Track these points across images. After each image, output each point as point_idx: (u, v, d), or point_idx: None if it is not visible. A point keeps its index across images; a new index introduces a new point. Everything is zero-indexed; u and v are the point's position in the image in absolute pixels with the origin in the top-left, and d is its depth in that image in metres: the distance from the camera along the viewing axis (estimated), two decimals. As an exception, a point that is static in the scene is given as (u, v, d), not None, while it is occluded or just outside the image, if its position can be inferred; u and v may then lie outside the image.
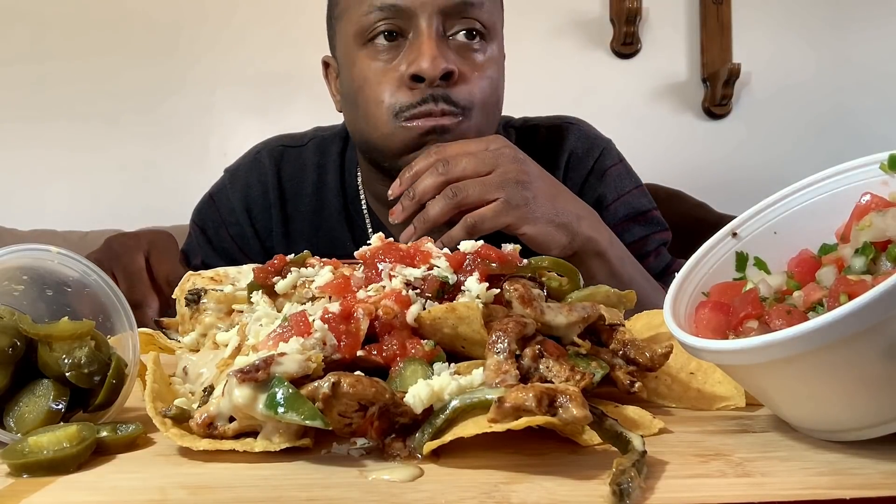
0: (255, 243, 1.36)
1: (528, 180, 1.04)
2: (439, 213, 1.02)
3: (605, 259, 1.10)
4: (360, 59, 1.17)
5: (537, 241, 1.04)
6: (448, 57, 1.12)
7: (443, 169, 1.02)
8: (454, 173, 1.02)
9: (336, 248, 1.30)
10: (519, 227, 1.03)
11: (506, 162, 1.03)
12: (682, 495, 0.44)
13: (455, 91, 1.13)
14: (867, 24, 2.64)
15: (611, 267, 1.11)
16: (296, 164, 1.38)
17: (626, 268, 1.13)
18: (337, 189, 1.35)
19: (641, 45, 2.61)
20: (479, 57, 1.17)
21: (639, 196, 1.35)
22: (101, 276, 0.63)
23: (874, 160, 0.59)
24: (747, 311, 0.56)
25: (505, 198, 1.01)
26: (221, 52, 2.53)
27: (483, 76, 1.16)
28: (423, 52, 1.10)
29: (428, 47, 1.10)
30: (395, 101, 1.13)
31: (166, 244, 1.06)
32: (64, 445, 0.51)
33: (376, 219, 1.34)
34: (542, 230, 1.04)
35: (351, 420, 0.52)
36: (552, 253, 1.04)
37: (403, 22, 1.13)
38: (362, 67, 1.16)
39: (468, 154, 1.03)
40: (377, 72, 1.15)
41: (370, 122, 1.17)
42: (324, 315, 0.59)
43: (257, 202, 1.36)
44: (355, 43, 1.17)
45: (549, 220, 1.04)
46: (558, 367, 0.57)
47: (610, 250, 1.11)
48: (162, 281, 1.01)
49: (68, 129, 2.49)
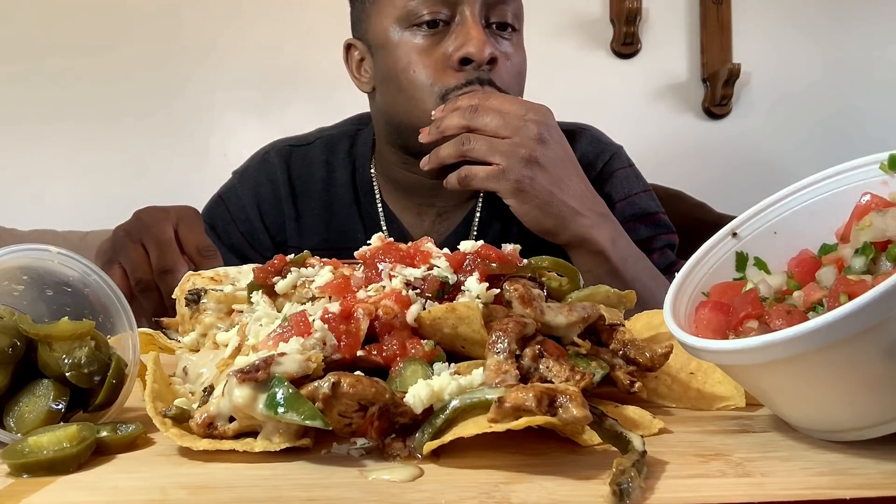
0: (265, 238, 1.38)
1: (536, 160, 1.08)
2: (446, 154, 1.11)
3: (604, 257, 1.12)
4: (404, 42, 1.21)
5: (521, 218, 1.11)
6: (493, 44, 1.19)
7: (469, 115, 1.09)
8: (475, 124, 1.09)
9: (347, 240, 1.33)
10: (505, 197, 1.10)
11: (526, 135, 1.08)
12: (682, 495, 0.44)
13: (496, 75, 1.19)
14: (867, 24, 2.64)
15: (610, 265, 1.13)
16: (304, 162, 1.41)
17: (628, 268, 1.14)
18: (348, 184, 1.39)
19: (641, 45, 2.60)
20: (512, 45, 1.25)
21: (646, 199, 1.36)
22: (101, 276, 0.63)
23: (874, 160, 0.59)
24: (747, 311, 0.56)
25: (504, 167, 1.08)
26: (222, 52, 2.52)
27: (515, 63, 1.25)
28: (471, 36, 1.17)
29: (476, 32, 1.17)
30: (443, 82, 1.19)
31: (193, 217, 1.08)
32: (64, 445, 0.51)
33: (389, 211, 1.37)
34: (527, 211, 1.10)
35: (351, 420, 0.52)
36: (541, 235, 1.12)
37: (448, 8, 1.19)
38: (407, 50, 1.21)
39: (500, 112, 1.09)
40: (422, 54, 1.20)
41: (416, 104, 1.21)
42: (324, 315, 0.59)
43: (267, 199, 1.39)
44: (398, 26, 1.22)
45: (539, 205, 1.10)
46: (558, 367, 0.57)
47: (610, 250, 1.12)
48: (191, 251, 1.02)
49: (68, 129, 2.49)
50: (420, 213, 1.36)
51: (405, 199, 1.36)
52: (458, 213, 1.36)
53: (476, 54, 1.16)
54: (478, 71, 1.17)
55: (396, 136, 1.29)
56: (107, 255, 1.04)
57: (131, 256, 1.00)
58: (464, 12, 1.18)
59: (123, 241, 1.02)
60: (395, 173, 1.34)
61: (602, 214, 1.15)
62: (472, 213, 1.36)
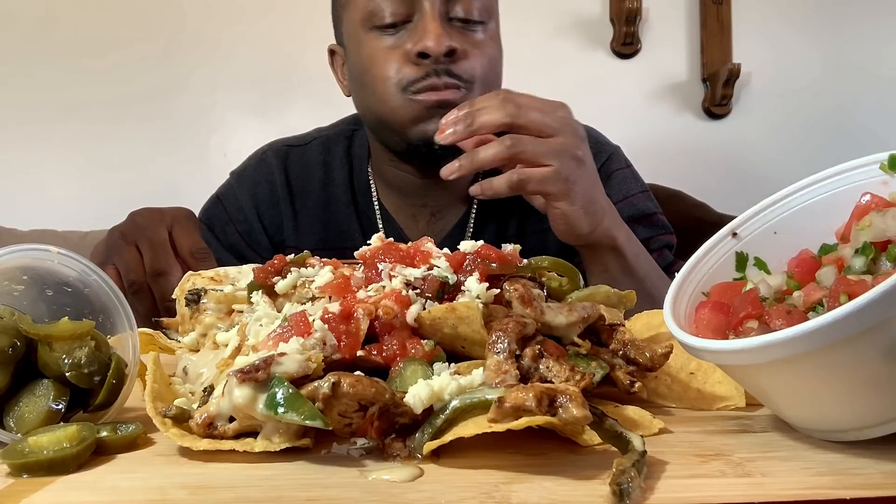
0: (263, 238, 1.39)
1: (583, 160, 1.05)
2: (491, 157, 1.00)
3: (621, 254, 1.11)
4: (368, 41, 1.22)
5: (566, 220, 1.05)
6: (451, 35, 1.17)
7: (513, 111, 1.00)
8: (520, 121, 1.00)
9: (345, 240, 1.35)
10: (558, 200, 1.03)
11: (569, 133, 1.04)
12: (682, 495, 0.44)
13: (457, 66, 1.17)
14: (867, 25, 2.64)
15: (625, 262, 1.12)
16: (301, 162, 1.42)
17: (641, 265, 1.15)
18: (345, 184, 1.39)
19: (641, 45, 2.60)
20: (478, 36, 1.22)
21: (644, 199, 1.36)
22: (101, 276, 0.63)
23: (874, 160, 0.59)
24: (747, 311, 0.56)
25: (558, 168, 1.01)
26: (222, 52, 2.53)
27: (483, 53, 1.22)
28: (428, 30, 1.16)
29: (433, 26, 1.16)
30: (402, 76, 1.18)
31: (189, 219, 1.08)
32: (64, 445, 0.51)
33: (386, 211, 1.38)
34: (574, 212, 1.04)
35: (351, 420, 0.52)
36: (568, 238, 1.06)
37: (407, 5, 1.19)
38: (370, 48, 1.22)
39: (538, 109, 1.02)
40: (384, 51, 1.20)
41: (378, 97, 1.22)
42: (324, 315, 0.59)
43: (265, 199, 1.39)
44: (362, 27, 1.23)
45: (583, 204, 1.05)
46: (558, 367, 0.57)
47: (626, 246, 1.12)
48: (185, 254, 1.02)
49: (69, 129, 2.49)
50: (414, 214, 1.37)
51: (399, 199, 1.37)
52: (452, 215, 1.36)
53: (432, 48, 1.14)
54: (435, 63, 1.16)
55: (374, 133, 1.31)
56: (101, 255, 1.04)
57: (125, 258, 1.01)
58: (423, 8, 1.18)
59: (118, 243, 1.03)
60: (386, 172, 1.35)
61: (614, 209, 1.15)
62: (468, 215, 1.36)
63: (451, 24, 1.20)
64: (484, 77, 1.21)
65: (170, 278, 1.00)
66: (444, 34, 1.15)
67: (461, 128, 1.00)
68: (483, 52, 1.21)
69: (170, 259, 1.01)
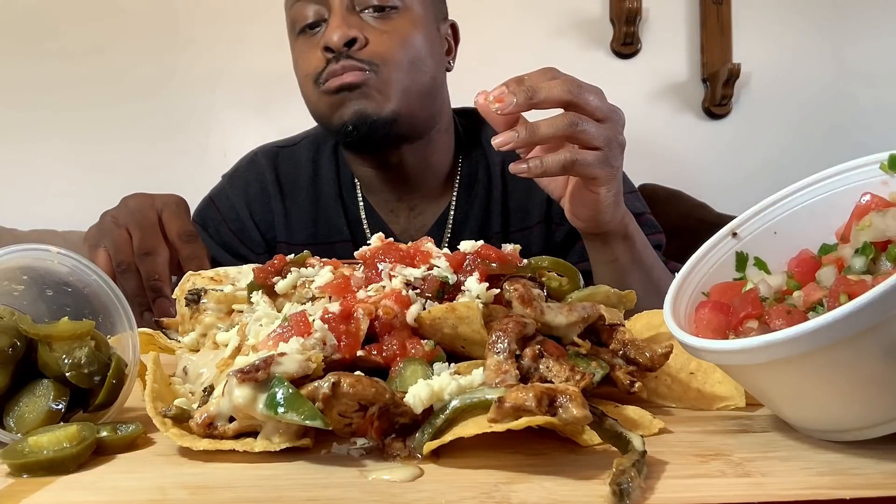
0: (255, 235, 1.43)
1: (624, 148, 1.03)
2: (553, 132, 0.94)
3: (631, 242, 1.11)
4: (296, 47, 1.31)
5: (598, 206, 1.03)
6: (353, 25, 1.22)
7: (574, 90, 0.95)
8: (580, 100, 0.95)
9: (333, 234, 1.40)
10: (600, 185, 1.00)
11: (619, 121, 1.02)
12: (682, 495, 0.44)
13: (359, 52, 1.22)
14: (867, 25, 2.64)
15: (635, 251, 1.12)
16: (291, 162, 1.46)
17: (648, 254, 1.15)
18: (332, 181, 1.43)
19: (641, 45, 2.60)
20: (390, 23, 1.25)
21: (632, 199, 1.36)
22: (101, 276, 0.63)
23: (874, 160, 0.59)
24: (747, 311, 0.56)
25: (607, 153, 0.98)
26: (221, 51, 2.53)
27: (394, 36, 1.24)
28: (331, 26, 1.22)
29: (333, 21, 1.22)
30: (313, 70, 1.25)
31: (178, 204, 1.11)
32: (64, 445, 0.51)
33: (369, 205, 1.41)
34: (608, 198, 1.03)
35: (351, 420, 0.52)
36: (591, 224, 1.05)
37: (322, 8, 1.25)
38: (296, 53, 1.31)
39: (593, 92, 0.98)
40: (305, 52, 1.28)
41: (305, 97, 1.31)
42: (324, 315, 0.59)
43: (257, 198, 1.44)
44: (291, 35, 1.32)
45: (615, 192, 1.04)
46: (558, 367, 0.57)
47: (636, 235, 1.12)
48: (173, 236, 1.05)
49: (68, 129, 2.49)
50: (393, 210, 1.41)
51: (375, 194, 1.41)
52: (430, 211, 1.40)
53: (332, 40, 1.20)
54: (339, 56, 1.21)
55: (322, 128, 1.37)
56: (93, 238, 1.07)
57: (115, 239, 1.03)
58: (332, 5, 1.24)
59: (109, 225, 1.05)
60: (357, 169, 1.41)
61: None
62: (447, 211, 1.39)
63: (360, 15, 1.24)
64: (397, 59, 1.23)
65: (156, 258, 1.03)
66: (345, 25, 1.20)
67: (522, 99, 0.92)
68: (393, 35, 1.24)
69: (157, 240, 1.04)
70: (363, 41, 1.21)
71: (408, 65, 1.25)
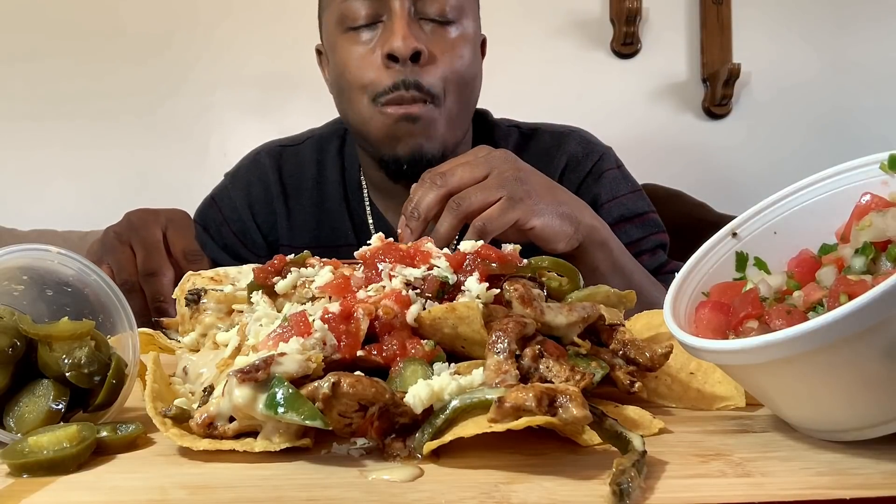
0: (258, 237, 1.40)
1: (525, 176, 1.04)
2: (448, 228, 0.99)
3: (608, 249, 1.10)
4: (342, 46, 1.24)
5: (546, 233, 1.03)
6: (419, 37, 1.18)
7: (441, 182, 1.00)
8: (452, 183, 1.00)
9: (338, 238, 1.37)
10: (527, 220, 1.01)
11: (498, 162, 1.03)
12: (682, 495, 0.44)
13: (425, 75, 1.18)
14: (868, 24, 2.64)
15: (613, 258, 1.11)
16: (294, 162, 1.43)
17: (626, 260, 1.14)
18: (337, 183, 1.41)
19: (641, 45, 2.60)
20: (449, 37, 1.22)
21: (635, 199, 1.36)
22: (101, 276, 0.63)
23: (874, 160, 0.59)
24: (747, 311, 0.56)
25: (508, 195, 1.00)
26: (221, 52, 2.53)
27: (454, 56, 1.22)
28: (395, 31, 1.17)
29: (399, 27, 1.17)
30: (373, 85, 1.20)
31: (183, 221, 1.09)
32: (64, 445, 0.51)
33: (377, 209, 1.39)
34: (549, 221, 1.03)
35: (351, 420, 0.52)
36: (560, 246, 1.04)
37: (379, 7, 1.20)
38: (343, 53, 1.23)
39: (460, 165, 1.02)
40: (356, 57, 1.22)
41: (353, 106, 1.24)
42: (324, 315, 0.59)
43: (259, 199, 1.41)
44: (337, 30, 1.24)
45: (553, 210, 1.04)
46: (558, 367, 0.57)
47: (611, 240, 1.12)
48: (178, 255, 1.04)
49: (68, 129, 2.49)
50: None
51: (386, 199, 1.38)
52: None
53: (399, 49, 1.15)
54: (404, 70, 1.17)
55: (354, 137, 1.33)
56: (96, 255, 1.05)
57: (119, 258, 1.02)
58: (392, 8, 1.19)
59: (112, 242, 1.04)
60: (372, 174, 1.37)
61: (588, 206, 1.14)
62: None
63: (420, 24, 1.20)
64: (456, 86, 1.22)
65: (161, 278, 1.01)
66: (411, 35, 1.17)
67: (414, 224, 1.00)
68: (454, 55, 1.22)
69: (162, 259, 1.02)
70: (426, 55, 1.18)
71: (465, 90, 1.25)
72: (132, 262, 1.01)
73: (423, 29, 1.20)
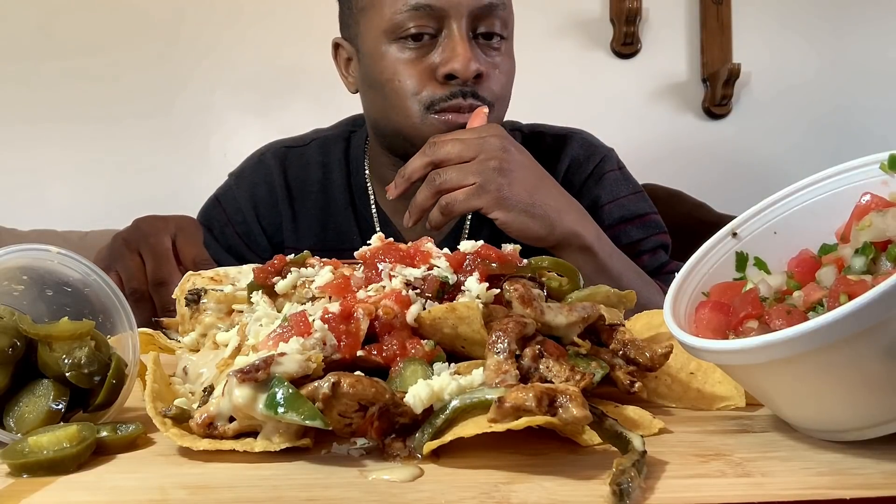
0: (262, 239, 1.39)
1: (509, 168, 1.08)
2: (423, 199, 1.09)
3: (591, 254, 1.12)
4: (391, 53, 1.21)
5: (509, 227, 1.08)
6: (479, 58, 1.18)
7: (429, 151, 1.08)
8: (438, 155, 1.08)
9: (344, 241, 1.36)
10: (489, 211, 1.07)
11: (490, 149, 1.07)
12: (682, 495, 0.44)
13: (481, 88, 1.19)
14: (867, 24, 2.64)
15: (597, 262, 1.12)
16: (300, 164, 1.42)
17: (614, 263, 1.15)
18: (343, 186, 1.40)
19: (641, 45, 2.60)
20: (500, 55, 1.23)
21: (636, 200, 1.36)
22: (101, 276, 0.63)
23: (874, 160, 0.59)
24: (747, 311, 0.56)
25: (480, 182, 1.06)
26: (222, 52, 2.53)
27: (503, 73, 1.24)
28: (457, 53, 1.16)
29: (462, 49, 1.16)
30: (427, 94, 1.18)
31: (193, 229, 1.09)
32: (64, 445, 0.51)
33: (384, 214, 1.38)
34: (514, 218, 1.07)
35: (351, 420, 0.52)
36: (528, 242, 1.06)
37: (435, 22, 1.18)
38: (392, 61, 1.21)
39: (456, 140, 1.08)
40: (408, 65, 1.20)
41: (400, 112, 1.21)
42: (324, 315, 0.59)
43: (264, 200, 1.40)
44: (385, 37, 1.21)
45: (524, 209, 1.08)
46: (558, 367, 0.57)
47: (597, 245, 1.13)
48: (188, 263, 1.03)
49: (68, 129, 2.49)
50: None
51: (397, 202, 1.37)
52: None
53: (461, 71, 1.15)
54: (462, 85, 1.17)
55: (383, 139, 1.31)
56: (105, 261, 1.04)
57: (128, 265, 1.01)
58: (451, 26, 1.18)
59: (121, 250, 1.03)
60: (387, 175, 1.35)
61: (583, 212, 1.16)
62: (463, 219, 1.37)
63: (475, 42, 1.20)
64: (504, 97, 1.25)
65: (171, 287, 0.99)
66: (473, 57, 1.16)
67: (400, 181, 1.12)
68: (503, 72, 1.23)
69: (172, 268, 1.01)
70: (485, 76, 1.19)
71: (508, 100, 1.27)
72: (142, 270, 1.01)
73: (478, 46, 1.21)
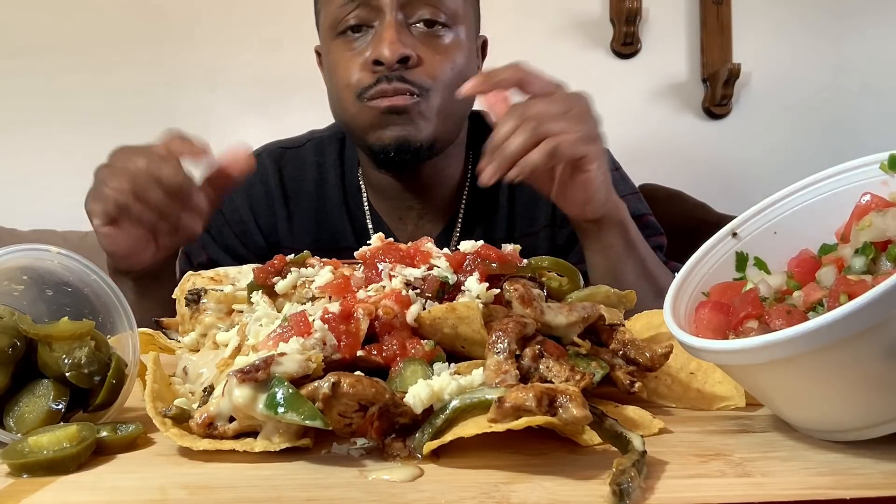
0: (259, 239, 1.41)
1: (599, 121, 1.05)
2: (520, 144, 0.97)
3: (625, 228, 1.11)
4: (334, 49, 1.26)
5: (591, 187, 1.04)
6: (407, 42, 1.18)
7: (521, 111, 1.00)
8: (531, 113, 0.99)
9: (338, 241, 1.37)
10: (591, 161, 1.01)
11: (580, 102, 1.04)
12: (682, 495, 0.44)
13: (411, 73, 1.19)
14: (867, 25, 2.64)
15: (629, 238, 1.12)
16: (295, 164, 1.44)
17: (640, 242, 1.15)
18: (337, 186, 1.41)
19: (641, 45, 2.60)
20: (441, 42, 1.23)
21: (633, 201, 1.36)
22: (101, 276, 0.63)
23: (874, 160, 0.59)
24: (747, 311, 0.56)
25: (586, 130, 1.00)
26: (221, 51, 2.52)
27: (445, 59, 1.22)
28: (383, 38, 1.18)
29: (387, 34, 1.18)
30: (358, 82, 1.21)
31: None
32: (64, 445, 0.51)
33: (375, 213, 1.40)
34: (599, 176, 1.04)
35: (351, 420, 0.52)
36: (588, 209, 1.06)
37: (370, 13, 1.21)
38: (334, 56, 1.25)
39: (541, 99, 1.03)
40: (346, 58, 1.23)
41: (341, 104, 1.26)
42: (324, 315, 0.59)
43: (260, 201, 1.41)
44: (330, 34, 1.26)
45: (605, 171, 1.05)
46: (558, 367, 0.57)
47: (628, 222, 1.12)
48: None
49: (68, 129, 2.49)
50: (402, 217, 1.38)
51: (386, 201, 1.39)
52: (439, 218, 1.38)
53: (386, 56, 1.16)
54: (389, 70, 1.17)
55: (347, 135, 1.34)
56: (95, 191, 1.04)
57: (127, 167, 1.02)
58: (383, 15, 1.20)
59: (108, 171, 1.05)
60: (370, 175, 1.38)
61: None
62: (455, 218, 1.38)
63: (411, 30, 1.21)
64: (444, 84, 1.21)
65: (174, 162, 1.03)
66: (399, 42, 1.17)
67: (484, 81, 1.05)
68: (444, 59, 1.21)
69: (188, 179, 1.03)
70: (416, 60, 1.18)
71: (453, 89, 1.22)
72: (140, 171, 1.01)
73: (412, 34, 1.21)
